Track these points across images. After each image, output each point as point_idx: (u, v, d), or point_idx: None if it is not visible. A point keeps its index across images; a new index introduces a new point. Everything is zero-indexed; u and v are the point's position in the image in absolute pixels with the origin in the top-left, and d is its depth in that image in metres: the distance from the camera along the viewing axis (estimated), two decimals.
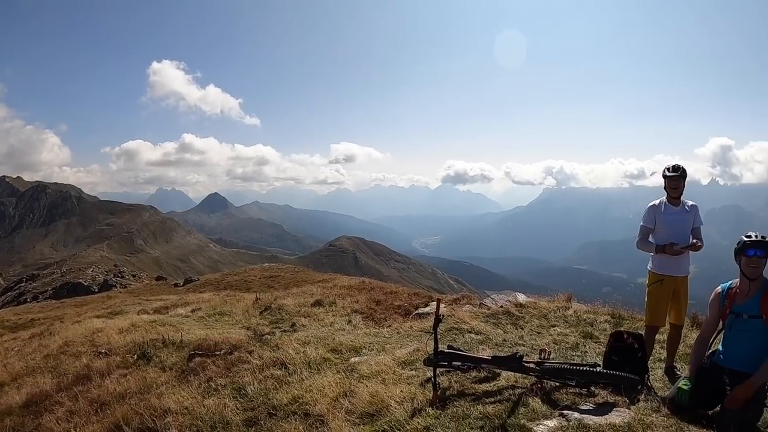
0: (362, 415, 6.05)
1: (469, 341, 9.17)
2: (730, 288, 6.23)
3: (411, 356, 7.92)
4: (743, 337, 6.04)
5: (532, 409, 5.74)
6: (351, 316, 13.61)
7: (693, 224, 7.85)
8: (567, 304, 12.72)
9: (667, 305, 7.90)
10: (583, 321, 11.27)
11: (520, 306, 12.17)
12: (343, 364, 8.04)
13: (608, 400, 6.12)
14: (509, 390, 6.37)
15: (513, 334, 10.03)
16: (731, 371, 5.93)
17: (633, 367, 6.88)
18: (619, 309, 12.44)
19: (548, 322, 11.14)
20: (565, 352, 8.83)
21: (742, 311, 6.04)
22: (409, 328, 11.20)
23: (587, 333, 10.17)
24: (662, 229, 7.79)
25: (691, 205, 7.90)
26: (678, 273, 7.79)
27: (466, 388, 6.47)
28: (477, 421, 5.51)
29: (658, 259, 7.86)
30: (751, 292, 6.03)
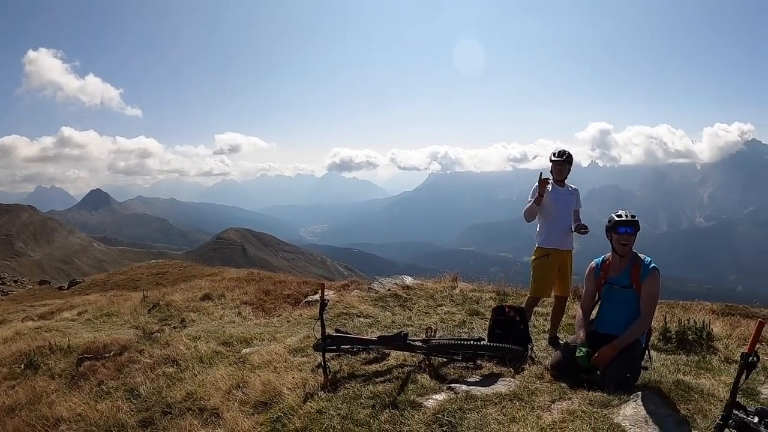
0: (256, 405, 6.11)
1: (358, 325, 9.30)
2: (604, 261, 6.72)
3: (301, 343, 7.98)
4: (617, 305, 6.54)
5: (421, 385, 5.94)
6: (241, 307, 13.58)
7: (575, 206, 8.34)
8: (453, 284, 13.09)
9: (553, 278, 8.31)
10: (469, 299, 11.66)
11: (407, 288, 12.43)
12: (234, 356, 8.03)
13: (494, 371, 6.41)
14: (398, 369, 6.54)
15: (401, 316, 10.23)
16: (607, 336, 6.32)
17: (516, 338, 7.22)
18: (504, 286, 12.92)
19: (435, 302, 11.45)
20: (453, 330, 9.11)
21: (615, 283, 6.52)
22: (299, 316, 11.28)
23: (473, 310, 10.54)
24: (549, 206, 8.15)
25: (574, 188, 8.38)
26: (564, 247, 8.23)
27: (356, 370, 6.60)
28: (368, 400, 5.65)
29: (544, 234, 8.26)
30: (622, 265, 6.50)
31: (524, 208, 8.28)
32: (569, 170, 8.27)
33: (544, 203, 8.13)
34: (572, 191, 8.34)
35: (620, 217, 6.38)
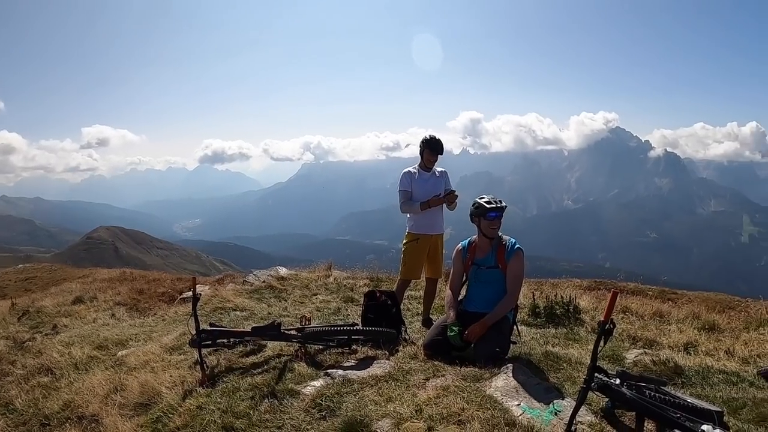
0: (136, 407, 6.02)
1: (235, 319, 9.27)
2: (470, 243, 7.04)
3: (178, 341, 7.91)
4: (484, 285, 6.86)
5: (299, 373, 6.03)
6: (114, 309, 13.27)
7: (445, 187, 8.57)
8: (328, 273, 13.26)
9: (422, 261, 8.60)
10: (344, 287, 11.86)
11: (282, 279, 12.47)
12: (110, 360, 7.86)
13: (369, 354, 6.58)
14: (275, 359, 6.59)
15: (277, 307, 10.27)
16: (477, 314, 6.61)
17: (389, 321, 7.42)
18: (378, 273, 13.18)
19: (310, 291, 11.57)
20: (328, 317, 9.29)
21: (482, 263, 6.85)
22: (174, 314, 11.17)
23: (348, 297, 10.75)
24: (418, 193, 8.41)
25: (441, 171, 8.66)
26: (433, 232, 8.53)
27: (234, 363, 6.60)
28: (247, 392, 5.69)
29: (414, 220, 8.51)
30: (488, 247, 6.84)
31: (403, 204, 8.50)
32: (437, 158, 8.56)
33: (413, 191, 8.42)
34: (440, 174, 8.60)
35: (489, 203, 6.67)
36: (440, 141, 8.52)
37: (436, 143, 8.44)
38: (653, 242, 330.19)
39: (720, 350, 8.24)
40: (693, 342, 8.39)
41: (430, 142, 8.44)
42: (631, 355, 7.21)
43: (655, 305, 10.84)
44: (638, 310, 10.26)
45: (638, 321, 9.55)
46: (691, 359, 7.48)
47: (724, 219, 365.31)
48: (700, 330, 9.38)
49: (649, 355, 7.18)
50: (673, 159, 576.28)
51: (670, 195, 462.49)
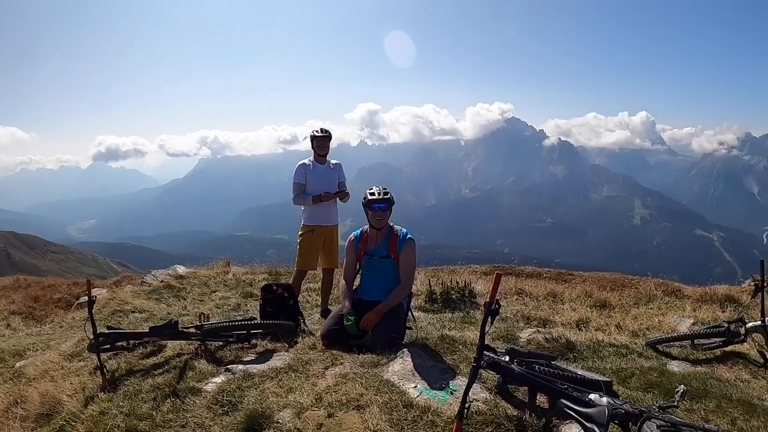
0: (37, 418, 5.88)
1: (134, 321, 9.13)
2: (362, 234, 7.20)
3: (76, 347, 7.73)
4: (377, 274, 7.02)
5: (199, 371, 6.04)
6: (9, 318, 12.82)
7: (339, 179, 8.74)
8: (226, 269, 13.23)
9: (318, 252, 8.76)
10: (243, 282, 11.87)
11: (180, 278, 12.37)
12: (8, 372, 7.60)
13: (269, 347, 6.68)
14: (176, 358, 6.57)
15: (176, 306, 10.18)
16: (372, 302, 6.77)
17: (287, 314, 7.54)
18: (276, 266, 13.21)
19: (209, 288, 11.52)
20: (228, 313, 9.26)
21: (374, 253, 7.02)
22: (72, 320, 10.95)
23: (247, 293, 10.76)
24: (313, 185, 8.56)
25: (335, 163, 8.83)
26: (327, 223, 8.69)
27: (134, 366, 6.54)
28: (149, 393, 5.65)
29: (309, 212, 8.63)
30: (379, 237, 7.00)
31: (296, 196, 8.66)
32: (329, 146, 8.75)
33: (308, 183, 8.57)
34: (334, 166, 8.78)
35: (373, 195, 6.84)
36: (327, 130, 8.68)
37: (323, 130, 8.63)
38: (549, 227, 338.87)
39: (611, 325, 8.66)
40: (585, 319, 8.77)
41: (316, 130, 8.63)
42: (525, 334, 7.50)
43: (550, 286, 11.25)
44: (532, 291, 10.63)
45: (532, 302, 9.90)
46: (582, 335, 7.83)
47: (617, 203, 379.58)
48: (593, 307, 9.82)
49: (542, 333, 7.48)
50: (566, 147, 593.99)
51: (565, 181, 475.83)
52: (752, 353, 7.37)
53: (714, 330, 7.52)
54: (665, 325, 8.90)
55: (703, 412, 5.23)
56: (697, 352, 7.48)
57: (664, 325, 8.93)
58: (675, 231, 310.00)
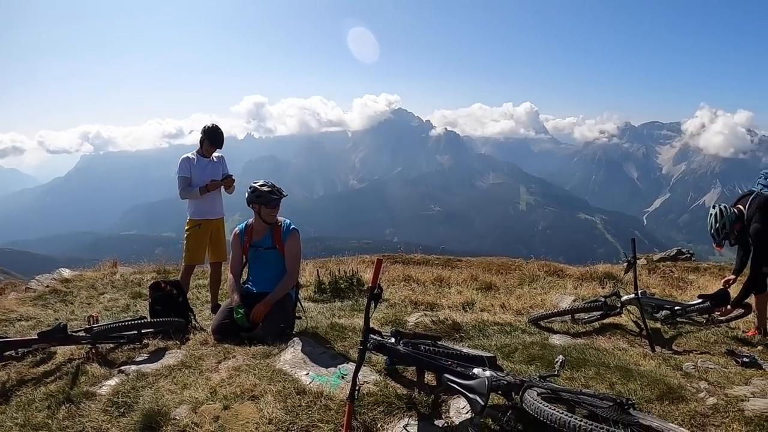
0: None
1: (20, 329, 8.82)
2: (247, 227, 7.25)
3: None
4: (264, 266, 7.12)
5: (92, 375, 5.93)
6: None
7: (223, 172, 8.74)
8: (113, 270, 12.98)
9: (205, 246, 8.80)
10: (131, 282, 11.69)
11: (66, 282, 12.03)
12: None
13: (161, 346, 6.63)
14: (67, 364, 6.42)
15: (64, 311, 9.89)
16: (260, 294, 6.87)
17: (177, 311, 7.52)
18: (165, 264, 13.06)
19: (97, 291, 11.26)
20: (118, 315, 9.13)
21: (260, 245, 7.09)
22: None
23: (136, 293, 10.62)
24: (198, 178, 8.58)
25: (219, 156, 8.83)
26: (213, 216, 8.74)
27: (25, 375, 6.32)
28: (43, 402, 5.50)
29: (195, 206, 8.66)
30: (264, 230, 7.09)
31: (182, 190, 8.64)
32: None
33: (193, 176, 8.58)
34: (218, 159, 8.83)
35: (273, 193, 6.94)
36: (221, 133, 8.72)
37: (217, 135, 8.64)
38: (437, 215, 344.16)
39: (496, 306, 9.03)
40: (471, 301, 9.12)
41: (211, 133, 8.63)
42: (413, 318, 7.76)
43: (437, 272, 11.56)
44: (420, 277, 10.91)
45: (420, 288, 10.17)
46: (468, 316, 8.15)
47: (503, 190, 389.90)
48: (478, 290, 10.18)
49: (429, 316, 7.77)
50: (453, 137, 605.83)
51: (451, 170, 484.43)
52: (629, 324, 7.87)
53: (592, 304, 8.02)
54: (548, 303, 9.36)
55: (583, 379, 5.59)
56: (578, 326, 8.00)
57: (546, 303, 9.40)
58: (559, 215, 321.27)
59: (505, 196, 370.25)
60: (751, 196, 7.71)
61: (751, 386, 5.74)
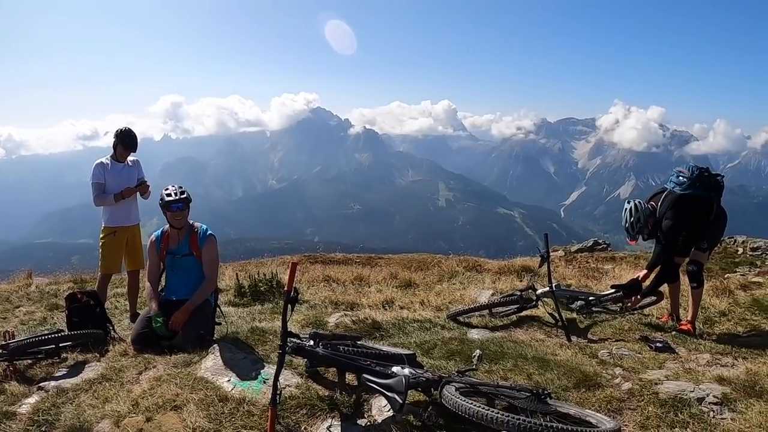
0: None
1: None
2: (163, 234, 7.18)
3: None
4: (181, 273, 7.10)
5: (11, 393, 5.74)
6: None
7: (138, 177, 8.60)
8: (28, 281, 12.67)
9: (121, 254, 8.67)
10: (47, 294, 11.41)
11: None
12: None
13: (80, 359, 6.52)
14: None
15: None
16: (179, 301, 6.83)
17: (95, 322, 7.39)
18: (82, 273, 12.78)
19: (12, 304, 10.93)
20: (34, 329, 8.86)
21: (177, 252, 7.07)
22: None
23: (53, 304, 10.37)
24: (112, 184, 8.43)
25: (134, 160, 8.69)
26: (129, 223, 8.62)
27: None
28: None
29: (109, 213, 8.52)
30: (180, 236, 7.07)
31: (96, 197, 8.48)
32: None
33: (107, 182, 8.43)
34: (133, 163, 8.70)
35: (170, 196, 6.88)
36: (135, 136, 8.59)
37: (130, 138, 8.51)
38: (357, 213, 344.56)
39: (415, 303, 9.17)
40: (391, 299, 9.21)
41: (124, 137, 8.50)
42: (333, 319, 7.84)
43: (357, 271, 11.63)
44: (340, 277, 10.97)
45: (340, 287, 10.23)
46: (388, 314, 8.26)
47: (422, 187, 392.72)
48: (398, 288, 10.30)
49: (349, 316, 7.86)
50: (371, 135, 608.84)
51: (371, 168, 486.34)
52: (546, 316, 8.13)
53: (509, 298, 8.28)
54: (467, 298, 9.54)
55: (501, 372, 5.80)
56: (496, 320, 8.21)
57: (465, 298, 9.57)
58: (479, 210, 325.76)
59: (425, 193, 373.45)
60: (664, 194, 8.12)
61: (664, 370, 6.10)
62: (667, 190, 8.13)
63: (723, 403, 5.12)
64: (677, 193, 7.94)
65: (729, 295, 10.38)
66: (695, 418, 4.83)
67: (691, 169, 8.01)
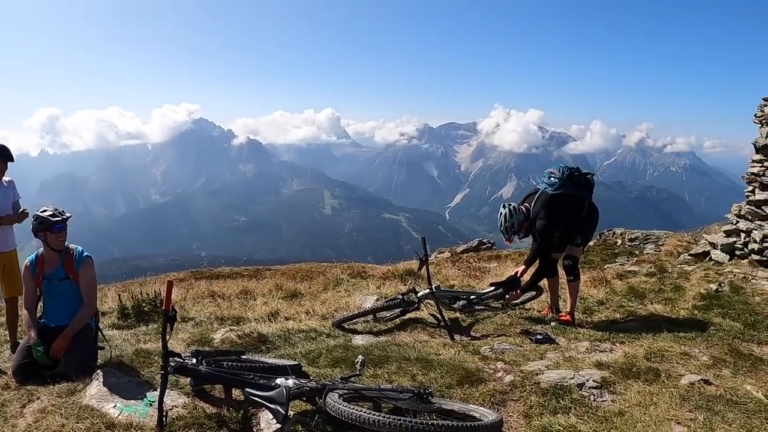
0: None
1: None
2: (38, 257, 6.94)
3: None
4: (59, 298, 6.87)
5: None
6: None
7: (13, 199, 8.21)
8: None
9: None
10: None
11: None
12: None
13: None
14: None
15: None
16: (59, 328, 6.63)
17: None
18: None
19: None
20: None
21: (53, 277, 6.83)
22: None
23: None
24: None
25: (9, 180, 8.25)
26: (5, 249, 8.13)
27: None
28: None
29: None
30: (56, 259, 6.85)
31: None
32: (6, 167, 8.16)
33: None
34: (8, 183, 8.23)
35: (54, 216, 6.68)
36: (9, 154, 8.18)
37: (4, 149, 8.09)
38: (244, 225, 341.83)
39: (301, 313, 9.25)
40: (276, 311, 9.23)
41: None
42: (219, 335, 7.78)
43: (242, 284, 11.58)
44: (225, 292, 10.88)
45: (225, 302, 10.15)
46: (274, 326, 8.29)
47: (308, 196, 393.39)
48: (284, 299, 10.33)
49: (234, 331, 7.83)
50: (255, 145, 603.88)
51: (255, 179, 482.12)
52: (429, 318, 8.35)
53: (391, 302, 8.50)
54: (352, 305, 9.69)
55: (386, 375, 5.95)
56: (380, 324, 8.37)
57: (350, 305, 9.72)
58: (365, 217, 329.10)
59: (310, 202, 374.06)
60: (536, 195, 8.50)
61: (545, 360, 6.43)
62: (540, 191, 8.52)
63: (602, 386, 5.47)
64: (549, 194, 8.32)
65: (606, 285, 11.00)
66: (576, 402, 5.12)
67: (562, 169, 8.41)
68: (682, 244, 16.12)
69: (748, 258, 12.37)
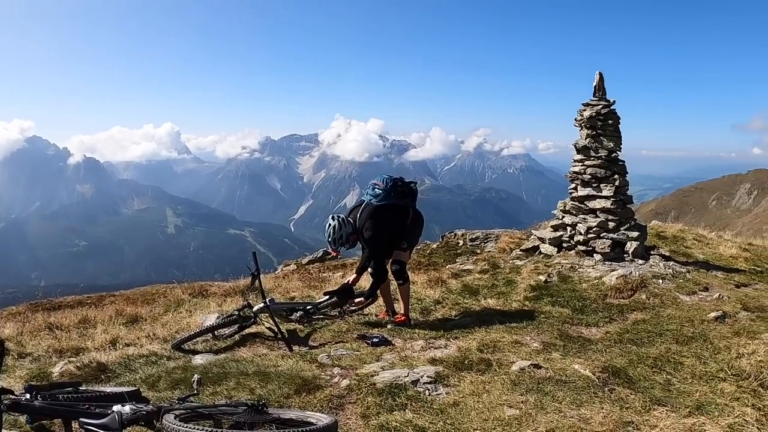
0: None
1: None
2: None
3: None
4: None
5: None
6: None
7: None
8: None
9: None
10: None
11: None
12: None
13: None
14: None
15: None
16: None
17: None
18: None
19: None
20: None
21: None
22: None
23: None
24: None
25: None
26: None
27: None
28: None
29: None
30: None
31: None
32: None
33: None
34: None
35: None
36: None
37: None
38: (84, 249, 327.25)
39: (141, 338, 9.21)
40: (116, 338, 9.16)
41: None
42: (57, 368, 7.64)
43: (82, 313, 11.35)
44: (62, 323, 10.65)
45: (64, 334, 9.94)
46: (114, 354, 8.23)
47: (149, 215, 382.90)
48: (125, 325, 10.23)
49: (73, 362, 7.74)
50: (93, 164, 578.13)
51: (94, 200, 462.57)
52: (267, 331, 8.59)
53: (229, 319, 8.68)
54: (193, 325, 9.74)
55: (226, 392, 6.18)
56: (220, 342, 8.49)
57: (192, 325, 9.77)
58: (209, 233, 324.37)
59: (152, 221, 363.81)
60: (362, 206, 8.92)
61: (381, 362, 6.87)
62: (365, 202, 8.94)
63: (437, 381, 5.96)
64: (374, 205, 8.78)
65: (442, 285, 11.60)
66: (412, 399, 5.55)
67: (385, 180, 8.89)
68: (514, 240, 16.97)
69: (575, 249, 13.46)
